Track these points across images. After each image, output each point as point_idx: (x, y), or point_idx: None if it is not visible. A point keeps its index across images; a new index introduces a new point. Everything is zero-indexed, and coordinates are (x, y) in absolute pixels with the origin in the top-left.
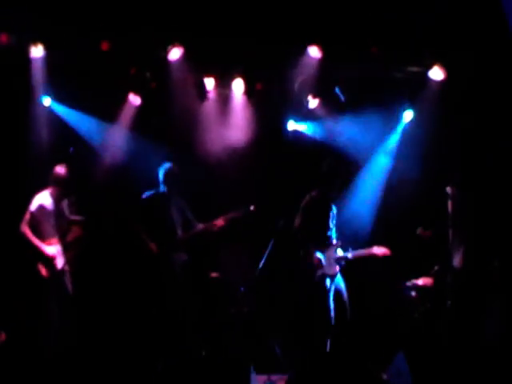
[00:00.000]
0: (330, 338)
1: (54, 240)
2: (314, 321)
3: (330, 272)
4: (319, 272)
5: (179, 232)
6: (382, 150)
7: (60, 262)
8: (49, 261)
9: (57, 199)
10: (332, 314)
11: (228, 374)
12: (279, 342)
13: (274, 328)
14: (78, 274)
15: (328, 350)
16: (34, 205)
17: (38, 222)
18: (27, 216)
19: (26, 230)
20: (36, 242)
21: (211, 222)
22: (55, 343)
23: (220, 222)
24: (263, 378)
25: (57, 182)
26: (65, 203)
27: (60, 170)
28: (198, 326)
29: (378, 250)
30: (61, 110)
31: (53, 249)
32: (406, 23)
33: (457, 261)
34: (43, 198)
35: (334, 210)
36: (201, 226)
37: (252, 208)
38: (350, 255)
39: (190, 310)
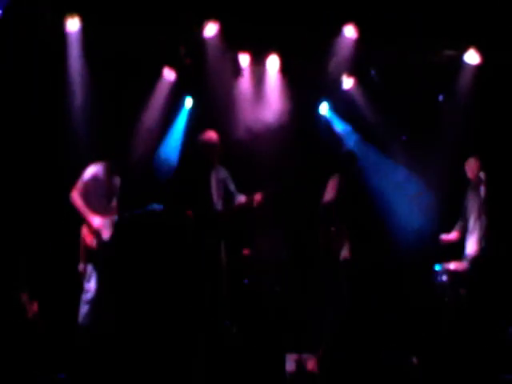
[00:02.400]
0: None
1: (104, 213)
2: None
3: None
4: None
5: (219, 205)
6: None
7: (106, 234)
8: (95, 231)
9: (109, 174)
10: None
11: (263, 352)
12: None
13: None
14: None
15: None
16: (87, 174)
17: (90, 192)
18: (80, 184)
19: (76, 197)
20: (85, 210)
21: (250, 197)
22: (92, 312)
23: (258, 196)
24: (294, 356)
25: (113, 157)
26: (117, 179)
27: (118, 145)
28: (229, 304)
29: None
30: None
31: (100, 219)
32: (442, 5)
33: (472, 248)
34: (97, 169)
35: None
36: (242, 199)
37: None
38: None
39: (222, 288)
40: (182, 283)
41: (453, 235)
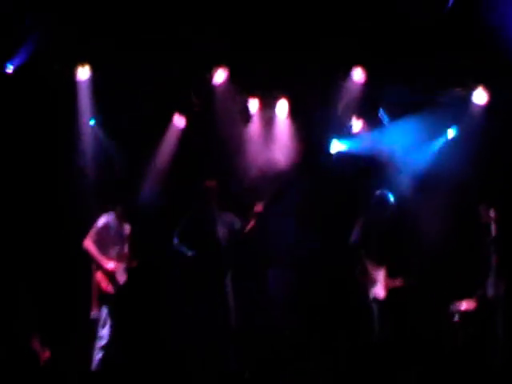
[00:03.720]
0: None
1: (117, 260)
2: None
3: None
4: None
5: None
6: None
7: (121, 279)
8: (110, 275)
9: (120, 221)
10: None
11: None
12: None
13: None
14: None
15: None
16: (101, 222)
17: (103, 240)
18: (93, 232)
19: (89, 244)
20: (99, 256)
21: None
22: (106, 359)
23: (258, 207)
24: None
25: (121, 204)
26: (127, 227)
27: (125, 193)
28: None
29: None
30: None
31: (113, 264)
32: (450, 46)
33: (490, 289)
34: (109, 218)
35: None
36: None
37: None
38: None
39: (230, 328)
40: (191, 324)
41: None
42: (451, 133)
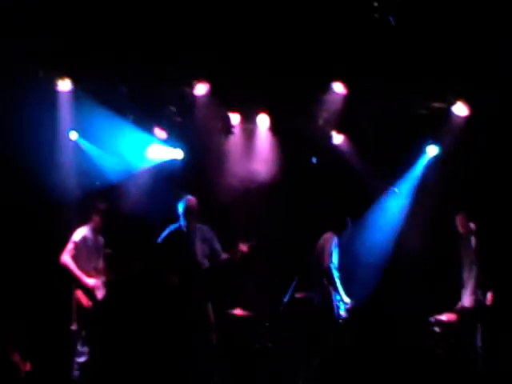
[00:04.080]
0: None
1: (93, 273)
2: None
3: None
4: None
5: (205, 263)
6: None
7: (100, 294)
8: (90, 291)
9: (96, 233)
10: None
11: None
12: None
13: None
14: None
15: None
16: (77, 236)
17: (80, 254)
18: (70, 247)
19: (67, 260)
20: (77, 272)
21: (234, 249)
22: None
23: (243, 247)
24: None
25: (97, 217)
26: (101, 239)
27: (102, 204)
28: (218, 362)
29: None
30: (86, 145)
31: (93, 280)
32: (430, 59)
33: (466, 300)
34: (85, 231)
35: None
36: (225, 255)
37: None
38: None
39: (212, 346)
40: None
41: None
42: (433, 150)
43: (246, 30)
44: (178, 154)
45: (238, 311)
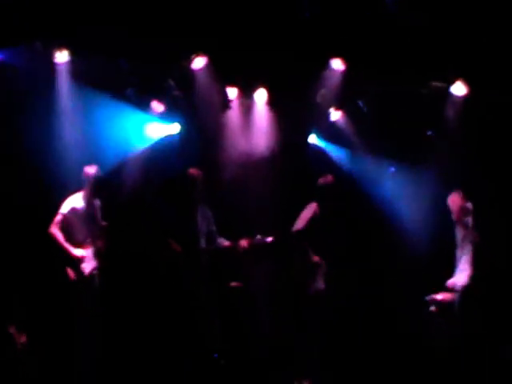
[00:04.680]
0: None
1: (86, 244)
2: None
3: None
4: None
5: (202, 242)
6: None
7: (88, 267)
8: (76, 264)
9: (89, 202)
10: None
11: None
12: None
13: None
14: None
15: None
16: (65, 207)
17: (70, 224)
18: (58, 218)
19: (55, 231)
20: (64, 244)
21: (236, 241)
22: (80, 349)
23: (244, 243)
24: None
25: (88, 183)
26: (97, 206)
27: (90, 169)
28: (218, 335)
29: None
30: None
31: (81, 252)
32: (430, 38)
33: (461, 279)
34: (75, 201)
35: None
36: (226, 242)
37: (272, 239)
38: None
39: (210, 319)
40: (168, 314)
41: None
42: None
43: (246, 4)
44: (175, 128)
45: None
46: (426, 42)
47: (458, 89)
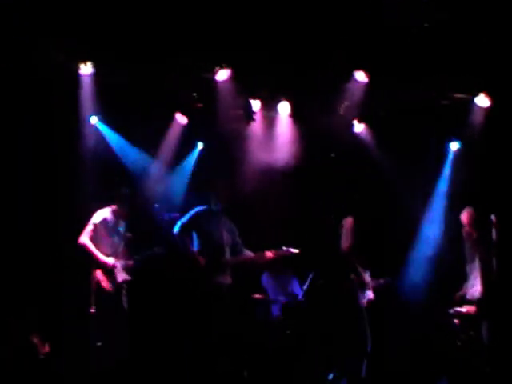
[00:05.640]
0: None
1: (112, 256)
2: (352, 344)
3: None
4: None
5: (227, 254)
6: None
7: (120, 276)
8: (110, 273)
9: (118, 218)
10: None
11: None
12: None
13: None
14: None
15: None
16: (97, 218)
17: (99, 235)
18: (89, 228)
19: (86, 241)
20: (97, 253)
21: (261, 252)
22: (103, 357)
23: (269, 254)
24: None
25: (121, 202)
26: (123, 224)
27: (126, 190)
28: (240, 348)
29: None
30: (106, 131)
31: (113, 260)
32: (452, 50)
33: (476, 291)
34: (106, 213)
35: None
36: (250, 254)
37: (297, 251)
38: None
39: (234, 332)
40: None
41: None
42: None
43: (270, 16)
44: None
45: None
46: (448, 54)
47: (482, 100)
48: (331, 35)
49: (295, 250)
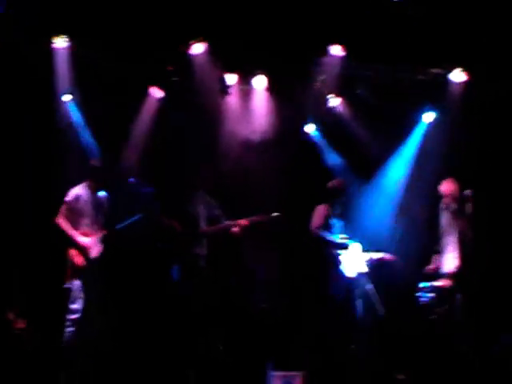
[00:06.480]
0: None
1: (91, 231)
2: (340, 319)
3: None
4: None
5: (202, 225)
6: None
7: (94, 252)
8: (83, 250)
9: (93, 191)
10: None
11: (246, 369)
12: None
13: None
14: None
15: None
16: (70, 195)
17: (75, 212)
18: (63, 207)
19: (60, 220)
20: (70, 231)
21: (235, 220)
22: (79, 334)
23: (244, 222)
24: (280, 374)
25: (93, 174)
26: (104, 196)
27: (95, 162)
28: (218, 320)
29: (387, 256)
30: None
31: (87, 239)
32: (429, 25)
33: (452, 265)
34: (79, 189)
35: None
36: (226, 222)
37: (277, 214)
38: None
39: (211, 304)
40: (168, 298)
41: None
42: (430, 116)
43: None
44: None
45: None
46: (425, 29)
47: (457, 76)
48: (307, 9)
49: (275, 214)
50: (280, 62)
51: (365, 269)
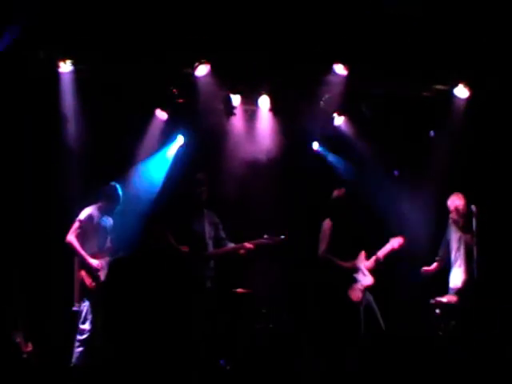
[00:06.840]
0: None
1: (100, 253)
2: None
3: (365, 283)
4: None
5: (210, 247)
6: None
7: (103, 274)
8: (93, 272)
9: (104, 214)
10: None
11: None
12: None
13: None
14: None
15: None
16: (83, 215)
17: (86, 232)
18: (75, 226)
19: (73, 239)
20: (82, 252)
21: (241, 243)
22: (87, 353)
23: (249, 245)
24: None
25: (108, 199)
26: (110, 220)
27: (114, 187)
28: (222, 341)
29: (395, 242)
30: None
31: (96, 261)
32: (433, 42)
33: (459, 280)
34: (93, 210)
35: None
36: (231, 245)
37: (283, 237)
38: (380, 255)
39: (216, 325)
40: (175, 320)
41: (433, 266)
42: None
43: (248, 10)
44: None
45: (239, 289)
46: (428, 46)
47: (461, 91)
48: (310, 28)
49: (281, 237)
50: (283, 81)
51: (370, 281)
